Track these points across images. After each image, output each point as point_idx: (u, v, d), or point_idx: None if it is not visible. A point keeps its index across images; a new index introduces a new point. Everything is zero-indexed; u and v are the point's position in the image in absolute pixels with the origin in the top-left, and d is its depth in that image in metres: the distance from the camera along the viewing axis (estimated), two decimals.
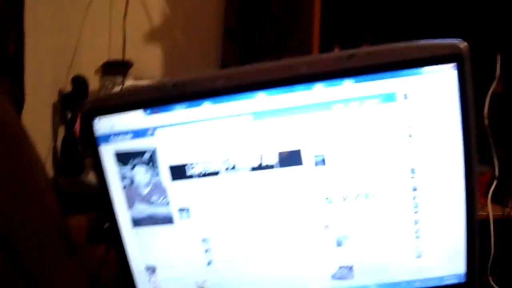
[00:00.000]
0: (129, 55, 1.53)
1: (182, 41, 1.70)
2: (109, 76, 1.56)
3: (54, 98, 1.48)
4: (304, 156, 0.57)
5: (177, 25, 1.69)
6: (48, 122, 1.47)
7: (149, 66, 1.66)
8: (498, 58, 1.43)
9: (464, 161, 0.55)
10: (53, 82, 1.47)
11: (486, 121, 1.40)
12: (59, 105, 1.48)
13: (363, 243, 0.58)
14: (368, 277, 0.60)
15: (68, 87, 1.47)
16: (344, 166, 0.56)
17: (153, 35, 1.70)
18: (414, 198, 0.56)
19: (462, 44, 0.54)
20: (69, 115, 1.44)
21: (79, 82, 1.47)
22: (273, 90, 0.56)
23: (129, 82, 1.48)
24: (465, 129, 0.55)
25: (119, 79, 1.51)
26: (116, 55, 1.54)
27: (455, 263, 0.59)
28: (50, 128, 1.47)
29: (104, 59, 1.57)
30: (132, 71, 1.56)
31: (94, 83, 1.57)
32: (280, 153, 0.57)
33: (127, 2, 1.52)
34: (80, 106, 0.61)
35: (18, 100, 0.98)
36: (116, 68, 1.54)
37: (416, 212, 0.57)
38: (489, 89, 1.44)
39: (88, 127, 0.61)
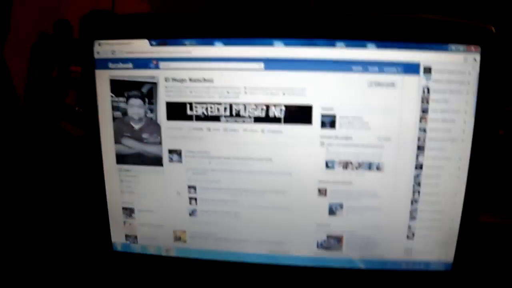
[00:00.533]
0: (117, 9, 1.46)
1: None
2: None
3: (34, 39, 1.40)
4: (313, 115, 0.54)
5: None
6: (24, 63, 1.39)
7: None
8: None
9: (472, 151, 0.54)
10: (35, 24, 1.38)
11: None
12: (39, 47, 1.39)
13: (356, 215, 0.56)
14: (355, 251, 0.57)
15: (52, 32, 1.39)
16: (353, 132, 0.54)
17: None
18: (417, 177, 0.54)
19: (491, 29, 0.52)
20: (49, 59, 1.36)
21: (63, 26, 1.39)
22: (292, 41, 0.53)
23: None
24: (478, 118, 0.53)
25: None
26: (105, 6, 1.46)
27: (445, 251, 0.57)
28: (25, 69, 1.40)
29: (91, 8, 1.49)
30: None
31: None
32: (289, 108, 0.54)
33: None
34: (83, 22, 0.56)
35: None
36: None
37: (416, 192, 0.55)
38: None
39: (86, 49, 0.57)
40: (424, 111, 0.53)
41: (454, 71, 0.52)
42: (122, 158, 0.58)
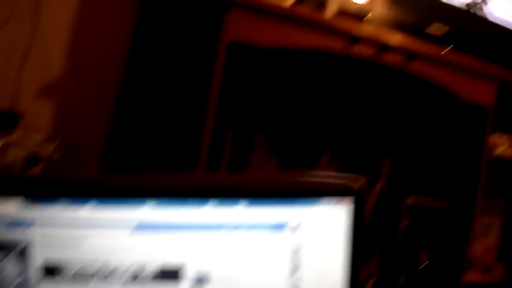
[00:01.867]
0: (21, 106, 1.44)
1: (76, 98, 1.65)
2: None
3: None
4: (183, 276, 0.53)
5: (75, 82, 1.64)
6: None
7: (40, 120, 1.57)
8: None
9: None
10: None
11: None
12: None
13: None
14: None
15: None
16: None
17: (48, 87, 1.63)
18: None
19: (361, 180, 0.53)
20: None
21: None
22: (161, 203, 0.53)
23: (17, 135, 1.37)
24: (351, 266, 0.53)
25: (6, 130, 1.39)
26: (6, 104, 1.44)
27: None
28: None
29: None
30: (21, 123, 1.45)
31: None
32: (158, 270, 0.54)
33: (26, 49, 1.44)
34: None
35: None
36: (3, 118, 1.42)
37: None
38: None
39: None
40: (297, 267, 0.53)
41: (326, 224, 0.53)
42: None
